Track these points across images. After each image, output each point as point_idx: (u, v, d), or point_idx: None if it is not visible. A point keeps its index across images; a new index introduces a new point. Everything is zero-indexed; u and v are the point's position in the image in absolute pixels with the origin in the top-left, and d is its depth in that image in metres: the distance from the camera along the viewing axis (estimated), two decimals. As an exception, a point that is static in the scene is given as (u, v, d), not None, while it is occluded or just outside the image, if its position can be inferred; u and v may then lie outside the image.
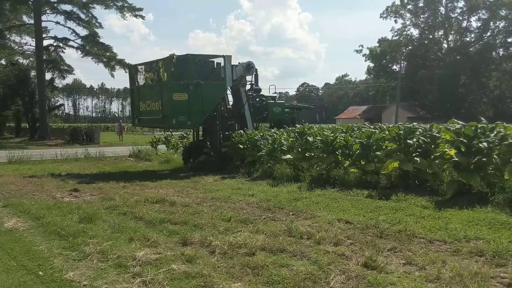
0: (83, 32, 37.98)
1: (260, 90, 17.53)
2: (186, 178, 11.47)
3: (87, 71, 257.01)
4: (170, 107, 13.36)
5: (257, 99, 16.99)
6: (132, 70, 15.75)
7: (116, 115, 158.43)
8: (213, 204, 7.75)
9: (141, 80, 15.24)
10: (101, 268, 4.46)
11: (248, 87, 16.39)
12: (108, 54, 38.49)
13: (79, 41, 37.96)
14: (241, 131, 13.74)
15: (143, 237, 5.49)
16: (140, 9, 37.72)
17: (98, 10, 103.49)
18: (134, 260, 4.62)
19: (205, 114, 14.20)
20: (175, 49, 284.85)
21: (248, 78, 16.33)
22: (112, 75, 40.71)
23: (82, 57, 39.06)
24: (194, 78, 13.65)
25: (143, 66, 15.27)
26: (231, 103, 16.12)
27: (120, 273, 4.33)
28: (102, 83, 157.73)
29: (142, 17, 39.59)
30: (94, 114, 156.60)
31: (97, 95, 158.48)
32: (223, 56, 14.96)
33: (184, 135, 20.80)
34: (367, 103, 79.85)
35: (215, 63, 15.08)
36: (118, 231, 5.90)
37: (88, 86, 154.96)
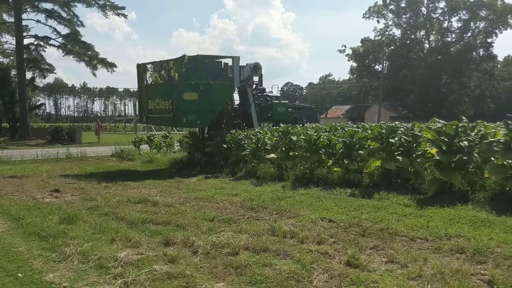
0: (64, 30, 37.51)
1: (264, 90, 17.98)
2: (169, 178, 11.39)
3: (68, 70, 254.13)
4: (181, 107, 13.67)
5: (261, 99, 17.41)
6: (141, 68, 15.87)
7: (99, 114, 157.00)
8: (196, 204, 7.71)
9: (149, 78, 15.55)
10: (82, 269, 4.40)
11: (253, 86, 16.83)
12: (89, 53, 38.03)
13: (60, 39, 37.45)
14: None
15: (125, 238, 5.43)
16: (123, 8, 37.36)
17: (79, 9, 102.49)
18: (116, 261, 4.57)
19: (214, 113, 14.51)
20: (158, 48, 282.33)
21: (255, 78, 16.73)
22: (94, 74, 40.32)
23: (63, 56, 38.46)
24: (204, 79, 13.97)
25: (151, 65, 15.54)
26: (236, 102, 16.63)
27: (101, 274, 4.27)
28: (84, 82, 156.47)
29: (125, 16, 39.24)
30: (76, 114, 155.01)
31: (79, 94, 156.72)
32: (232, 57, 15.32)
33: (167, 134, 20.66)
34: (350, 103, 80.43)
35: (222, 63, 15.49)
36: (100, 231, 5.82)
37: (69, 85, 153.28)
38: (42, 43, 38.18)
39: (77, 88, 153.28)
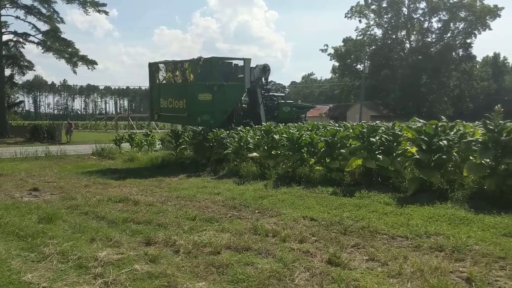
0: (44, 27, 36.93)
1: (270, 90, 18.70)
2: (150, 177, 11.30)
3: (48, 67, 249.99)
4: (196, 106, 14.23)
5: (268, 99, 18.03)
6: (153, 67, 16.23)
7: (79, 112, 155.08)
8: (178, 203, 7.67)
9: (161, 77, 16.04)
10: (61, 270, 4.34)
11: (262, 87, 17.63)
12: (70, 50, 37.51)
13: (40, 36, 36.89)
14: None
15: (105, 237, 5.37)
16: (104, 5, 36.94)
17: (59, 5, 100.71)
18: (96, 260, 4.52)
19: (227, 113, 15.22)
20: (140, 46, 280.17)
21: (263, 79, 17.54)
22: (75, 72, 39.87)
23: (43, 52, 37.83)
24: (218, 80, 14.55)
25: (163, 64, 16.04)
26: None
27: (80, 274, 4.22)
28: (64, 79, 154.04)
29: (106, 13, 38.80)
30: (56, 112, 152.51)
31: (59, 92, 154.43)
32: (243, 59, 15.94)
33: (149, 133, 20.51)
34: (333, 102, 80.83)
35: (232, 64, 16.12)
36: (79, 231, 5.75)
37: (49, 82, 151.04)
38: (21, 39, 37.53)
39: (57, 86, 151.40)
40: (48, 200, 8.23)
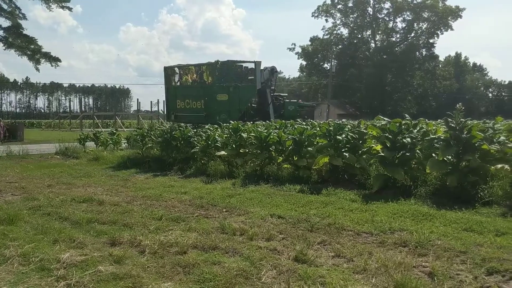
0: (5, 23, 35.70)
1: (275, 90, 20.06)
2: (116, 176, 11.09)
3: (10, 64, 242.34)
4: (214, 106, 15.69)
5: (275, 99, 19.34)
6: (168, 71, 17.62)
7: (42, 110, 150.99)
8: (144, 202, 7.55)
9: (177, 80, 17.44)
10: (22, 272, 4.19)
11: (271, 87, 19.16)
12: (32, 46, 36.33)
13: (1, 32, 35.55)
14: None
15: (69, 238, 5.23)
16: (67, 0, 35.98)
17: (22, 1, 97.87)
18: (58, 262, 4.39)
19: (241, 112, 16.57)
20: (105, 43, 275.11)
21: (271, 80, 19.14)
22: (37, 69, 38.56)
23: (4, 49, 36.51)
24: (233, 81, 15.99)
25: (178, 68, 17.43)
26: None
27: (43, 276, 4.09)
28: (27, 77, 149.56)
29: (70, 9, 37.75)
30: (18, 110, 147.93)
31: (22, 89, 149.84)
32: (254, 62, 17.28)
33: (114, 131, 20.13)
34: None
35: (243, 67, 17.64)
36: (42, 232, 5.58)
37: (11, 80, 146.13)
38: (-19, 36, 36.16)
39: (19, 83, 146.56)
40: (9, 201, 7.96)
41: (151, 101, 73.30)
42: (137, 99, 76.12)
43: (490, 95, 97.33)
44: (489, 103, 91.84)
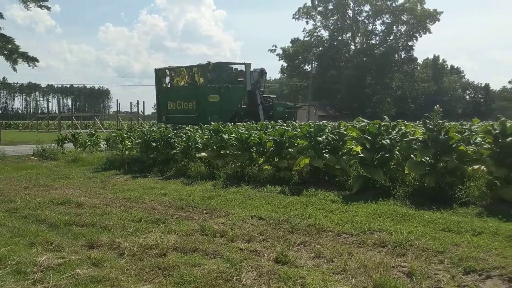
0: (-20, 22, 34.97)
1: (263, 91, 20.39)
2: (94, 178, 10.94)
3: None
4: (206, 107, 15.95)
5: (264, 100, 19.73)
6: (159, 73, 17.87)
7: (20, 111, 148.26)
8: (123, 204, 7.46)
9: (167, 82, 17.82)
10: (-3, 276, 4.11)
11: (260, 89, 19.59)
12: (9, 46, 35.71)
13: (-23, 32, 34.88)
14: None
15: (46, 241, 5.14)
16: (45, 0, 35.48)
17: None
18: (35, 265, 4.31)
19: (232, 112, 16.98)
20: (84, 43, 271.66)
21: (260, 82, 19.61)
22: (15, 69, 37.93)
23: (-20, 49, 35.88)
24: (224, 82, 16.40)
25: (169, 70, 17.75)
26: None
27: (19, 280, 4.01)
28: (4, 77, 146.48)
29: (48, 8, 37.34)
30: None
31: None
32: (244, 64, 17.83)
33: (93, 132, 19.87)
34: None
35: (233, 68, 18.10)
36: (18, 235, 5.47)
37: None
38: (-44, 34, 35.35)
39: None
40: (-17, 204, 7.78)
41: (130, 102, 72.82)
42: (117, 100, 75.55)
43: (467, 97, 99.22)
44: (466, 105, 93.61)
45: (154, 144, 12.41)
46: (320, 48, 73.36)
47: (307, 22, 72.75)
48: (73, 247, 4.97)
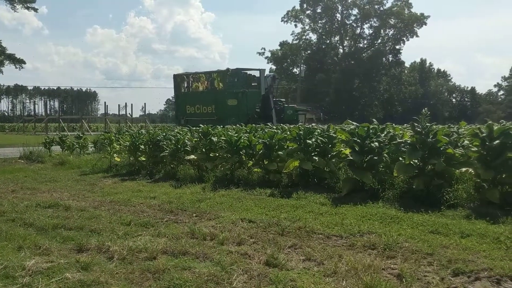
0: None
1: (274, 96, 21.43)
2: (82, 181, 10.85)
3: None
4: (225, 111, 17.24)
5: (275, 104, 20.73)
6: (178, 78, 19.18)
7: (6, 114, 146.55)
8: (112, 207, 7.40)
9: (185, 86, 19.09)
10: (-16, 281, 4.05)
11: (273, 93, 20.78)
12: (-5, 48, 35.38)
13: (-39, 32, 34.46)
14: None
15: (34, 245, 5.07)
16: (33, 1, 35.25)
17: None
18: (23, 270, 4.24)
19: (248, 116, 17.93)
20: (71, 45, 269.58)
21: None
22: (1, 71, 37.59)
23: (-35, 50, 35.43)
24: (242, 87, 17.74)
25: (186, 76, 19.02)
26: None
27: (7, 284, 3.95)
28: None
29: (35, 10, 37.24)
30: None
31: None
32: (259, 70, 19.62)
33: (81, 135, 19.71)
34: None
35: (247, 74, 19.36)
36: (5, 239, 5.39)
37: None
38: None
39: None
40: (-31, 207, 7.67)
41: (118, 105, 72.04)
42: (105, 102, 75.12)
43: (453, 100, 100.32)
44: (452, 108, 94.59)
45: (142, 147, 12.34)
46: (309, 51, 73.70)
47: (295, 25, 73.17)
48: (61, 251, 4.91)
